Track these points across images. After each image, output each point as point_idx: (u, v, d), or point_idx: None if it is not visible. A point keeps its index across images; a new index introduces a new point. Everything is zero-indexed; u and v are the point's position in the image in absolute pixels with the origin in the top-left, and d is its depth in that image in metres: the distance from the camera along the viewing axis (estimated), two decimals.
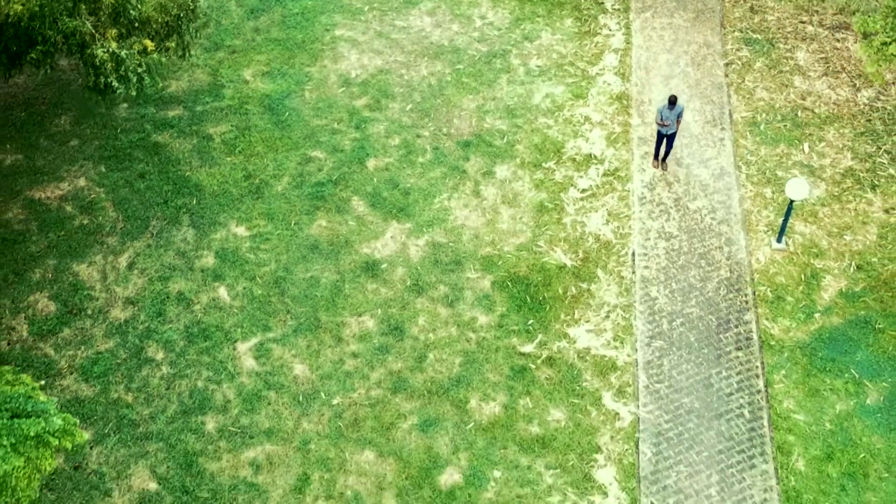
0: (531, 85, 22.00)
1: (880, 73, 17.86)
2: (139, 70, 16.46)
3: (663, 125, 19.07)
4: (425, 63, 22.55)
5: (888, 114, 21.19)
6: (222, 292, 18.04)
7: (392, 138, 20.81)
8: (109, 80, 16.13)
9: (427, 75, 22.27)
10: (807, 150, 20.50)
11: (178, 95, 21.60)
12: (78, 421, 12.28)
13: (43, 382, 13.51)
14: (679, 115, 19.10)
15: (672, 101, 18.66)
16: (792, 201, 17.55)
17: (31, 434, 10.48)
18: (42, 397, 11.42)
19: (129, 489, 15.45)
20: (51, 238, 18.79)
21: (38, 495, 13.84)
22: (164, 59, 17.50)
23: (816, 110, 21.34)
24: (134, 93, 16.91)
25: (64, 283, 18.08)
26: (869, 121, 21.09)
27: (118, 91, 16.54)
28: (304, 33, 23.28)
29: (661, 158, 20.05)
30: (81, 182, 19.80)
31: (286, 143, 20.66)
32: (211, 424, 16.23)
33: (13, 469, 10.59)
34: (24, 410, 10.87)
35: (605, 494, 15.39)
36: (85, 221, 19.11)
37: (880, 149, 20.46)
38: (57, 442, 11.70)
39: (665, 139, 19.54)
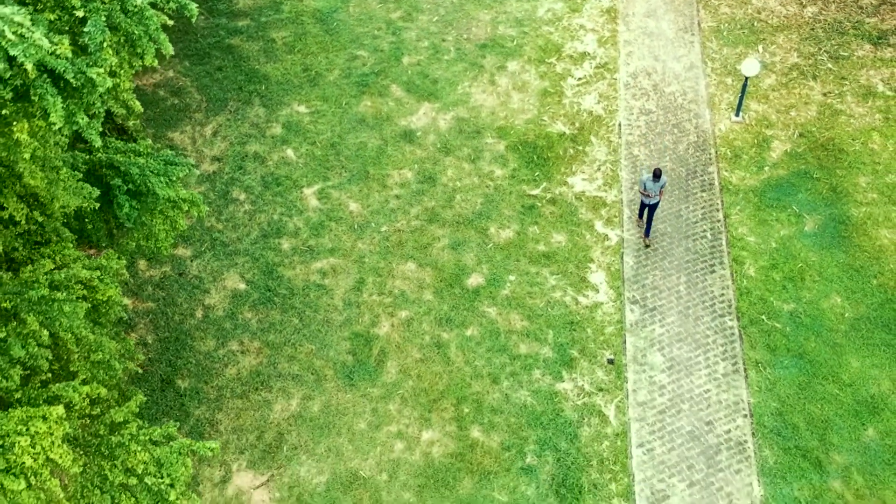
0: (535, 2, 24.83)
1: None
2: None
3: (646, 195, 18.22)
4: None
5: (828, 24, 24.01)
6: (289, 153, 20.90)
7: (422, 41, 23.66)
8: None
9: None
10: (761, 50, 23.35)
11: (245, 10, 24.45)
12: (202, 197, 15.13)
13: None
14: (662, 187, 18.05)
15: (657, 174, 17.58)
16: (746, 78, 20.40)
17: (181, 176, 13.24)
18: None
19: (223, 288, 18.33)
20: (148, 114, 21.62)
21: (170, 252, 16.66)
22: None
23: (770, 21, 24.18)
24: None
25: (161, 146, 20.92)
26: (812, 29, 23.93)
27: None
28: None
29: (644, 233, 18.96)
30: (171, 73, 22.65)
31: (335, 45, 23.51)
32: (286, 245, 19.10)
33: (166, 201, 13.37)
34: (174, 162, 13.67)
35: (597, 291, 18.27)
36: (175, 101, 21.96)
37: (821, 49, 23.31)
38: (187, 208, 14.53)
39: (647, 209, 18.46)
